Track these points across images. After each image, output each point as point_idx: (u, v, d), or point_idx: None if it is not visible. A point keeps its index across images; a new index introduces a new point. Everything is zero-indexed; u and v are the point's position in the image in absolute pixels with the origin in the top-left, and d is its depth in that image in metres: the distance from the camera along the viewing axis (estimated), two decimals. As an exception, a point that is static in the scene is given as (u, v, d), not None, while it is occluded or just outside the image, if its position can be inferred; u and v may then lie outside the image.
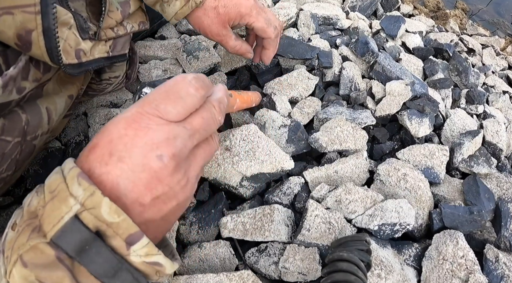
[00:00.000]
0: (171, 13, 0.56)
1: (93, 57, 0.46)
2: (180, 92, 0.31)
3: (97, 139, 0.29)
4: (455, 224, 0.54)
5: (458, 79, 0.89)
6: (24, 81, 0.40)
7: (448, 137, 0.73)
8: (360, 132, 0.62)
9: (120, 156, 0.27)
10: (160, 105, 0.29)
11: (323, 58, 0.75)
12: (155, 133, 0.28)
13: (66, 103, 0.51)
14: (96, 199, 0.25)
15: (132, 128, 0.28)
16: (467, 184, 0.62)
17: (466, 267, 0.49)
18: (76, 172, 0.26)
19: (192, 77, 0.32)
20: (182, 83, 0.31)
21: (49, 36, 0.37)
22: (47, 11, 0.36)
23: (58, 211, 0.25)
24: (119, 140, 0.28)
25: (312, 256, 0.49)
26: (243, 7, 0.57)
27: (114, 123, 0.29)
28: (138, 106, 0.30)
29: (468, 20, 1.39)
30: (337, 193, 0.54)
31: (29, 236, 0.25)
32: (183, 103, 0.30)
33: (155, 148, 0.28)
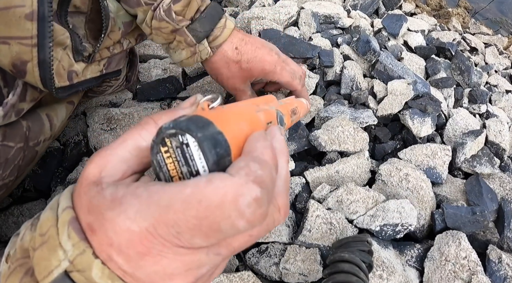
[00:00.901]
0: (176, 59, 0.54)
1: (85, 77, 0.45)
2: (221, 224, 0.20)
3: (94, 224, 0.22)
4: (457, 225, 0.54)
5: (461, 78, 0.89)
6: (22, 102, 0.40)
7: (450, 137, 0.73)
8: (361, 134, 0.62)
9: (121, 268, 0.22)
10: (184, 234, 0.20)
11: (324, 57, 0.75)
12: (171, 263, 0.21)
13: (67, 109, 0.51)
14: (86, 260, 0.21)
15: (136, 251, 0.21)
16: (470, 184, 0.62)
17: (468, 268, 0.49)
18: (68, 217, 0.23)
19: (252, 199, 0.20)
20: (229, 210, 0.20)
21: (44, 68, 0.37)
22: (44, 44, 0.35)
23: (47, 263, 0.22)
24: (119, 252, 0.21)
25: (313, 257, 0.49)
26: (267, 64, 0.54)
27: (114, 228, 0.21)
28: (150, 222, 0.20)
29: (470, 19, 1.39)
30: (338, 193, 0.54)
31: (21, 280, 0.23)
32: (220, 236, 0.21)
33: (167, 279, 0.22)
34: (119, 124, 0.62)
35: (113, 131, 0.61)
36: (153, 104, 0.68)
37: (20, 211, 0.55)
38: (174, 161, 0.23)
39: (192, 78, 0.74)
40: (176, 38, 0.50)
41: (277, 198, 0.25)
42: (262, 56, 0.54)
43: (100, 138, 0.61)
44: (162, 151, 0.23)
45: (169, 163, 0.23)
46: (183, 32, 0.49)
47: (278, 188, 0.25)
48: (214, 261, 0.23)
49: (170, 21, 0.48)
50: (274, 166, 0.24)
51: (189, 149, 0.22)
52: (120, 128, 0.61)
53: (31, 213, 0.55)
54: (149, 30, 0.49)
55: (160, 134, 0.23)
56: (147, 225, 0.20)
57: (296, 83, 0.58)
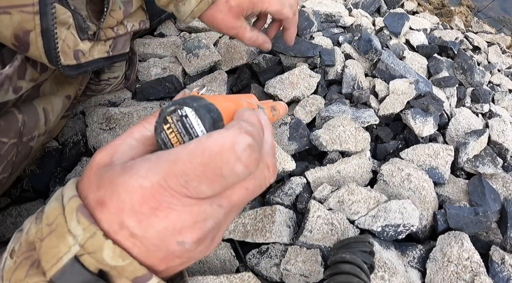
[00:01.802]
0: (187, 11, 0.55)
1: (92, 57, 0.45)
2: (223, 169, 0.23)
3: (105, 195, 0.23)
4: (460, 225, 0.54)
5: (463, 77, 0.89)
6: (20, 80, 0.40)
7: (453, 137, 0.73)
8: (362, 134, 0.62)
9: (132, 233, 0.23)
10: (192, 182, 0.23)
11: (326, 56, 0.75)
12: (179, 215, 0.23)
13: (64, 103, 0.51)
14: (97, 241, 0.22)
15: (149, 206, 0.23)
16: (472, 184, 0.62)
17: (471, 269, 0.49)
18: (76, 205, 0.23)
19: (247, 145, 0.23)
20: (228, 155, 0.23)
21: (47, 37, 0.37)
22: (46, 11, 0.35)
23: (56, 250, 0.23)
24: (132, 213, 0.23)
25: (314, 257, 0.49)
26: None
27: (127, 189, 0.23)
28: (160, 174, 0.22)
29: (473, 17, 1.39)
30: (339, 193, 0.54)
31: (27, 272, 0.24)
32: (223, 183, 0.23)
33: (176, 234, 0.23)
34: (118, 123, 0.62)
35: (112, 131, 0.61)
36: (153, 104, 0.68)
37: (19, 211, 0.55)
38: (177, 134, 0.26)
39: (192, 77, 0.74)
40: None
41: (265, 157, 0.28)
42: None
43: (99, 137, 0.61)
44: (165, 128, 0.26)
45: (172, 138, 0.26)
46: None
47: (265, 150, 0.28)
48: (217, 214, 0.25)
49: None
50: (261, 128, 0.27)
51: (188, 119, 0.25)
52: (119, 128, 0.61)
53: (30, 213, 0.55)
54: None
55: (162, 114, 0.26)
56: (158, 179, 0.22)
57: (286, 11, 0.58)
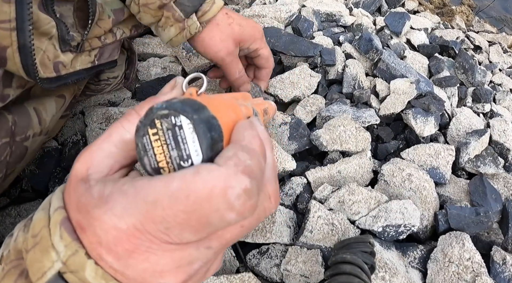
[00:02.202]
0: (165, 38, 0.54)
1: (74, 69, 0.44)
2: (210, 218, 0.20)
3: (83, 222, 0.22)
4: (461, 226, 0.54)
5: (464, 77, 0.89)
6: (7, 88, 0.39)
7: (454, 137, 0.73)
8: (363, 134, 0.62)
9: (111, 267, 0.21)
10: (173, 229, 0.20)
11: (326, 55, 0.75)
12: (159, 260, 0.21)
13: (57, 102, 0.50)
14: (79, 260, 0.21)
15: (124, 248, 0.21)
16: (474, 184, 0.62)
17: (472, 270, 0.49)
18: (60, 218, 0.22)
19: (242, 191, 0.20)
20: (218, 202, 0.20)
21: (25, 53, 0.36)
22: (23, 27, 0.34)
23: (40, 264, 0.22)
24: (108, 250, 0.21)
25: (315, 258, 0.49)
26: (256, 30, 0.57)
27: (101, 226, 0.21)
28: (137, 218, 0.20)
29: (474, 17, 1.39)
30: (340, 193, 0.54)
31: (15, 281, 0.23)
32: (210, 230, 0.21)
33: (157, 276, 0.21)
34: (118, 123, 0.62)
35: (112, 131, 0.61)
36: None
37: (18, 211, 0.55)
38: (163, 144, 0.22)
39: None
40: (164, 14, 0.51)
41: (267, 185, 0.25)
42: (252, 23, 0.57)
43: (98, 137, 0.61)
44: (150, 134, 0.22)
45: (156, 147, 0.22)
46: (170, 7, 0.50)
47: (267, 176, 0.25)
48: (206, 256, 0.23)
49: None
50: (262, 154, 0.24)
51: (182, 131, 0.21)
52: (118, 128, 0.61)
53: (29, 213, 0.55)
54: (136, 8, 0.49)
55: (150, 115, 0.22)
56: (134, 222, 0.20)
57: (272, 60, 0.62)
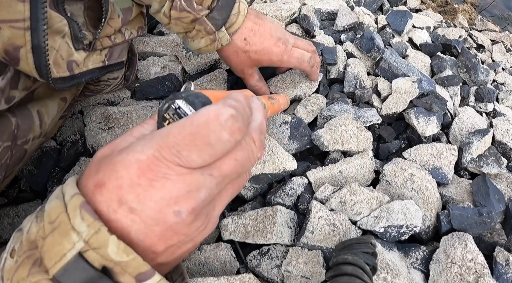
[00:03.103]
0: (194, 47, 0.57)
1: (87, 68, 0.44)
2: (210, 137, 0.25)
3: (104, 176, 0.25)
4: (463, 226, 0.54)
5: (467, 76, 0.89)
6: (13, 90, 0.39)
7: (456, 136, 0.73)
8: (364, 134, 0.62)
9: (131, 207, 0.25)
10: (183, 151, 0.25)
11: (327, 54, 0.75)
12: (174, 185, 0.25)
13: (59, 105, 0.50)
14: (102, 237, 0.23)
15: (146, 177, 0.25)
16: (476, 184, 0.62)
17: (475, 271, 0.49)
18: (79, 202, 0.24)
19: (229, 115, 0.26)
20: (214, 124, 0.26)
21: (38, 53, 0.36)
22: (38, 27, 0.34)
23: (60, 247, 0.23)
24: (130, 188, 0.25)
25: (316, 259, 0.49)
26: (273, 55, 0.59)
27: (125, 164, 0.25)
28: (155, 147, 0.25)
29: (477, 15, 1.39)
30: (341, 194, 0.54)
31: (29, 271, 0.24)
32: (211, 151, 0.26)
33: (172, 204, 0.25)
34: (117, 123, 0.62)
35: (111, 130, 0.61)
36: (152, 103, 0.68)
37: (16, 212, 0.55)
38: None
39: (192, 76, 0.75)
40: (196, 27, 0.53)
41: (252, 133, 0.30)
42: (269, 47, 0.58)
43: (97, 137, 0.61)
44: (165, 125, 0.28)
45: None
46: (203, 21, 0.52)
47: (252, 127, 0.30)
48: (209, 184, 0.27)
49: (191, 11, 0.50)
50: (247, 106, 0.29)
51: (181, 110, 0.28)
52: (118, 127, 0.61)
53: (27, 214, 0.55)
54: (167, 20, 0.52)
55: (160, 113, 0.29)
56: (153, 151, 0.25)
57: (304, 66, 0.63)
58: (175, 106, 0.28)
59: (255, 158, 0.30)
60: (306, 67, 0.63)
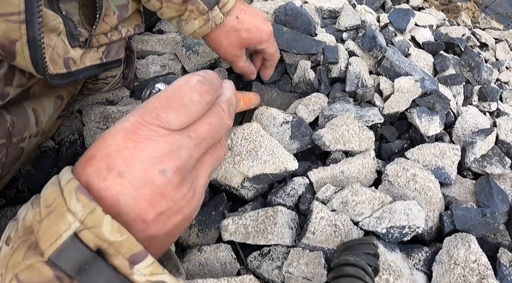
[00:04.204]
0: (188, 31, 0.57)
1: (84, 65, 0.45)
2: (183, 99, 0.29)
3: (94, 150, 0.27)
4: (467, 227, 0.54)
5: (470, 75, 0.89)
6: (7, 86, 0.39)
7: (459, 136, 0.73)
8: (366, 133, 0.62)
9: (119, 171, 0.26)
10: (162, 114, 0.28)
11: (329, 53, 0.75)
12: (157, 145, 0.28)
13: (55, 103, 0.50)
14: (96, 216, 0.24)
15: (131, 140, 0.27)
16: (480, 185, 0.62)
17: (478, 272, 0.49)
18: (75, 185, 0.25)
19: (197, 80, 0.30)
20: (185, 88, 0.30)
21: (34, 47, 0.36)
22: (33, 20, 0.35)
23: (55, 228, 0.24)
24: (117, 153, 0.27)
25: (317, 260, 0.49)
26: (264, 34, 0.61)
27: (112, 133, 0.28)
28: (137, 115, 0.28)
29: (480, 13, 1.39)
30: (343, 194, 0.54)
31: (25, 254, 0.24)
32: (186, 111, 0.29)
33: (157, 162, 0.27)
34: (116, 122, 0.62)
35: (110, 130, 0.61)
36: (151, 102, 0.68)
37: (14, 212, 0.55)
38: None
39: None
40: (188, 7, 0.53)
41: (221, 104, 0.34)
42: (260, 26, 0.60)
43: (96, 137, 0.61)
44: None
45: None
46: (194, 1, 0.53)
47: (222, 99, 0.34)
48: (188, 144, 0.29)
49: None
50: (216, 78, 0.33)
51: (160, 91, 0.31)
52: (117, 127, 0.61)
53: (25, 214, 0.55)
54: (158, 4, 0.52)
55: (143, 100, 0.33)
56: (136, 118, 0.28)
57: (277, 55, 0.67)
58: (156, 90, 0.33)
59: (225, 125, 0.34)
60: (278, 57, 0.67)
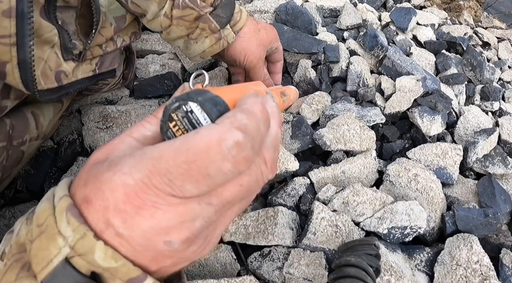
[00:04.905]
0: (197, 50, 0.56)
1: (76, 78, 0.44)
2: (209, 168, 0.22)
3: (90, 192, 0.23)
4: (469, 228, 0.54)
5: (472, 74, 0.89)
6: (5, 100, 0.39)
7: (461, 136, 0.73)
8: (367, 133, 0.62)
9: (118, 232, 0.23)
10: (176, 181, 0.22)
11: (330, 52, 0.75)
12: (165, 215, 0.23)
13: (55, 107, 0.50)
14: (88, 243, 0.22)
15: (132, 205, 0.22)
16: (482, 185, 0.62)
17: (481, 273, 0.49)
18: (66, 204, 0.23)
19: (234, 142, 0.22)
20: (215, 152, 0.22)
21: (24, 68, 0.36)
22: (24, 43, 0.34)
23: (46, 252, 0.23)
24: (116, 213, 0.22)
25: (318, 261, 0.49)
26: (274, 30, 0.63)
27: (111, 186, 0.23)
28: (144, 173, 0.22)
29: (483, 12, 1.39)
30: (344, 194, 0.54)
31: (17, 275, 0.24)
32: (210, 182, 0.23)
33: (163, 234, 0.23)
34: (116, 122, 0.62)
35: (109, 130, 0.61)
36: (151, 101, 0.68)
37: (12, 213, 0.55)
38: (183, 131, 0.25)
39: (191, 74, 0.74)
40: (199, 25, 0.52)
41: (265, 152, 0.26)
42: (269, 26, 0.62)
43: (95, 136, 0.61)
44: (171, 126, 0.25)
45: (179, 135, 0.25)
46: (207, 19, 0.51)
47: (266, 144, 0.27)
48: (207, 213, 0.24)
49: (195, 7, 0.50)
50: (264, 120, 0.26)
51: (194, 114, 0.25)
52: (116, 126, 0.61)
53: (24, 215, 0.55)
54: (168, 21, 0.51)
55: (166, 111, 0.25)
56: (141, 176, 0.22)
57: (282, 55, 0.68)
58: (186, 109, 0.25)
59: (264, 181, 0.27)
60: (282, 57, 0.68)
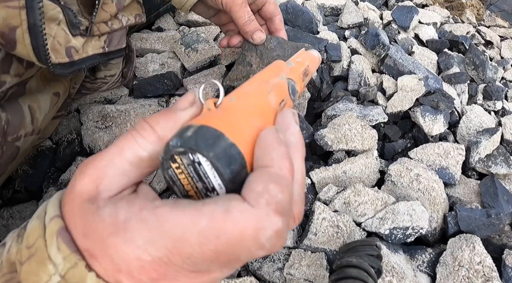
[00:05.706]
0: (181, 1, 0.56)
1: (87, 54, 0.45)
2: (240, 256, 0.21)
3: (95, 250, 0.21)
4: (471, 228, 0.54)
5: (475, 73, 0.89)
6: (5, 74, 0.39)
7: (464, 135, 0.73)
8: (369, 132, 0.62)
9: None
10: (201, 264, 0.21)
11: (331, 51, 0.75)
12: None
13: (52, 101, 0.50)
14: (79, 273, 0.21)
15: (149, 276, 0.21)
16: (485, 185, 0.62)
17: (483, 274, 0.49)
18: (57, 227, 0.22)
19: (274, 232, 0.21)
20: (249, 244, 0.20)
21: (35, 34, 0.36)
22: (33, 6, 0.34)
23: (36, 278, 0.22)
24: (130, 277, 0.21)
25: (319, 261, 0.49)
26: None
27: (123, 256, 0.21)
28: (163, 253, 0.20)
29: (485, 11, 1.39)
30: (345, 194, 0.54)
31: None
32: (238, 266, 0.22)
33: None
34: (115, 121, 0.62)
35: (108, 129, 0.61)
36: (150, 101, 0.68)
37: (10, 213, 0.55)
38: (188, 177, 0.23)
39: (191, 72, 0.75)
40: None
41: (294, 208, 0.25)
42: None
43: (94, 136, 0.61)
44: (173, 167, 0.23)
45: (182, 179, 0.23)
46: None
47: (295, 198, 0.25)
48: (227, 273, 0.23)
49: None
50: (292, 177, 0.24)
51: (202, 167, 0.22)
52: (115, 126, 0.61)
53: (22, 215, 0.55)
54: None
55: (168, 151, 0.22)
56: (160, 255, 0.20)
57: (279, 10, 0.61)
58: (193, 158, 0.22)
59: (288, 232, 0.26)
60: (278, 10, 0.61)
